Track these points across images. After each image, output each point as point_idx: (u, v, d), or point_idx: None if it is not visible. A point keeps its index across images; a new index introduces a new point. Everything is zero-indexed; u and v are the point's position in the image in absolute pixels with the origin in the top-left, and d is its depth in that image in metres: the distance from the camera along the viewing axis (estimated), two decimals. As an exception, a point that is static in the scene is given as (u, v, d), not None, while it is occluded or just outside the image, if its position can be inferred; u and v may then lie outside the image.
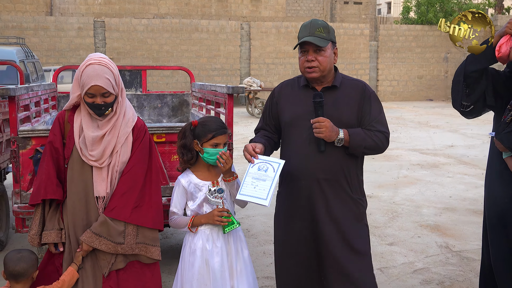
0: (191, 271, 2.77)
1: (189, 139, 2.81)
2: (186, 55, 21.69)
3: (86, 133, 2.63)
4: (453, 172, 8.83)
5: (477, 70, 2.87)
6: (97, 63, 2.55)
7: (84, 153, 2.64)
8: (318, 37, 2.72)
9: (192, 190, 2.82)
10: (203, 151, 2.79)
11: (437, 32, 25.28)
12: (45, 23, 20.33)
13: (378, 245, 5.15)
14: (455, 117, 17.50)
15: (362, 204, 2.88)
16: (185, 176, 2.85)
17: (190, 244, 2.81)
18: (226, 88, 4.11)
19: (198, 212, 2.83)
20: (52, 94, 5.78)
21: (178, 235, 5.48)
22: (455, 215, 6.23)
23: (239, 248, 2.87)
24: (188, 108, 6.76)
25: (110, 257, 2.67)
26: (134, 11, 24.62)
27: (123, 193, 2.66)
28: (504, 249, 2.99)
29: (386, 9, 52.14)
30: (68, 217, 2.69)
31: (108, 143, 2.64)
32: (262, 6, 26.67)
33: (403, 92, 25.23)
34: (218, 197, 2.79)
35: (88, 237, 2.61)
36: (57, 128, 2.72)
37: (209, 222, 2.76)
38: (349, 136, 2.70)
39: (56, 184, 2.67)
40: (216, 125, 2.82)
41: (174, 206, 2.85)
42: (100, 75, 2.53)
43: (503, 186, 3.05)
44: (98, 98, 2.56)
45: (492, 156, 3.24)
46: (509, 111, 2.90)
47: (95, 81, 2.52)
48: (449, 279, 4.33)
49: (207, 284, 2.73)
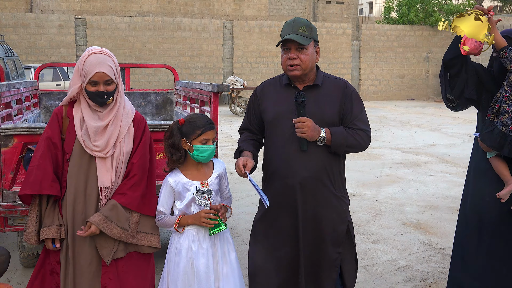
0: (176, 271, 2.75)
1: (177, 138, 2.77)
2: (168, 53, 21.57)
3: (88, 124, 2.65)
4: (435, 170, 8.93)
5: (453, 58, 2.95)
6: (99, 52, 2.63)
7: (87, 145, 2.65)
8: (301, 35, 2.73)
9: (180, 190, 2.78)
10: (193, 149, 2.76)
11: (418, 32, 25.54)
12: (25, 20, 20.03)
13: (362, 243, 5.18)
14: (436, 116, 17.69)
15: (345, 202, 2.91)
16: (173, 176, 2.81)
17: (176, 244, 2.79)
18: (211, 86, 4.10)
19: (186, 212, 2.80)
20: (34, 91, 5.71)
21: (164, 234, 5.45)
22: (437, 213, 6.30)
23: (226, 250, 2.84)
24: (172, 107, 6.73)
25: (112, 245, 2.69)
26: (116, 9, 24.39)
27: (134, 183, 2.74)
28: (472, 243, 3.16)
29: (368, 9, 52.49)
30: (68, 212, 2.68)
31: (111, 133, 2.68)
32: (245, 5, 26.63)
33: (385, 91, 25.42)
34: (206, 198, 2.76)
35: (98, 220, 2.61)
36: (55, 123, 2.73)
37: (196, 223, 2.73)
38: (331, 135, 2.73)
39: (52, 179, 2.66)
40: (203, 121, 2.79)
41: (161, 206, 2.81)
42: (103, 62, 2.60)
43: (487, 185, 3.09)
44: (101, 86, 2.62)
45: (475, 156, 3.28)
46: (492, 109, 2.94)
47: (99, 68, 2.59)
48: (432, 276, 4.37)
49: (192, 285, 2.71)
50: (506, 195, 2.96)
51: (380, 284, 4.21)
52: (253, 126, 3.02)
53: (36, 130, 3.50)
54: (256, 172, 2.86)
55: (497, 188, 3.01)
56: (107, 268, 2.71)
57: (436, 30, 25.67)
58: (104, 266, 2.71)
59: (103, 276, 2.69)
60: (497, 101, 2.91)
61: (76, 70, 2.68)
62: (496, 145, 2.85)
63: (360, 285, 4.17)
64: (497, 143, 2.85)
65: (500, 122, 2.84)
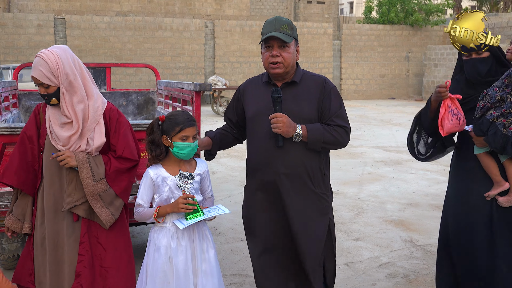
0: (154, 267, 2.74)
1: (157, 134, 2.78)
2: (149, 53, 21.44)
3: (55, 129, 2.75)
4: (415, 168, 9.02)
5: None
6: (39, 55, 2.69)
7: (53, 137, 2.76)
8: (284, 33, 2.75)
9: (160, 183, 2.78)
10: (173, 146, 2.76)
11: (399, 32, 25.78)
12: (3, 19, 19.73)
13: (344, 240, 5.22)
14: (416, 115, 17.88)
15: (326, 199, 2.92)
16: (154, 168, 2.80)
17: (155, 241, 2.78)
18: (193, 86, 4.09)
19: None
20: (13, 92, 5.63)
21: (144, 234, 5.42)
22: (418, 210, 6.37)
23: (205, 247, 2.84)
24: (154, 106, 6.70)
25: (77, 198, 2.75)
26: (96, 8, 24.18)
27: (124, 159, 2.85)
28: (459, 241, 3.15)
29: (348, 8, 52.82)
30: (45, 199, 2.81)
31: (76, 145, 2.76)
32: (226, 5, 26.61)
33: (366, 90, 25.62)
34: (188, 183, 2.74)
35: (81, 156, 2.72)
36: (32, 119, 2.88)
37: (174, 210, 2.70)
38: (307, 131, 2.74)
39: (15, 172, 2.81)
40: (183, 118, 2.78)
41: (141, 198, 2.79)
42: (35, 67, 2.68)
43: (473, 183, 3.10)
44: (41, 88, 2.72)
45: (458, 153, 3.28)
46: (480, 109, 2.95)
47: (32, 72, 2.70)
48: (414, 273, 4.42)
49: (170, 282, 2.71)
50: (494, 195, 2.98)
51: (362, 281, 4.24)
52: (230, 121, 3.09)
53: (15, 130, 3.45)
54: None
55: (485, 186, 3.01)
56: (84, 239, 2.79)
57: (416, 30, 25.96)
58: (82, 238, 2.79)
59: (80, 247, 2.78)
60: (495, 102, 2.87)
61: None
62: (499, 146, 2.83)
63: (342, 282, 4.20)
64: (500, 145, 2.83)
65: (502, 124, 2.83)
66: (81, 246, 2.78)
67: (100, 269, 2.81)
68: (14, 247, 4.16)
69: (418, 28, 26.03)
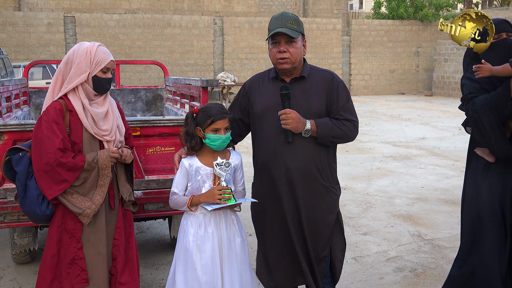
0: (182, 253, 2.83)
1: (191, 126, 2.85)
2: (159, 50, 21.52)
3: (92, 111, 2.84)
4: (424, 163, 9.00)
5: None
6: (103, 46, 2.92)
7: (96, 131, 2.85)
8: (290, 29, 2.78)
9: (193, 173, 2.84)
10: (205, 137, 2.82)
11: (408, 27, 25.64)
12: (13, 18, 19.90)
13: (353, 235, 5.23)
14: (426, 110, 17.81)
15: (335, 192, 2.96)
16: (188, 159, 2.87)
17: (184, 228, 2.87)
18: (200, 82, 4.13)
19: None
20: (23, 89, 5.70)
21: (153, 229, 5.48)
22: (427, 205, 6.36)
23: (232, 235, 2.89)
24: (162, 103, 6.74)
25: (129, 187, 3.05)
26: (105, 6, 24.29)
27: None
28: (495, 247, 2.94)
29: (358, 4, 52.61)
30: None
31: (113, 117, 2.95)
32: (235, 1, 26.61)
33: (376, 86, 25.52)
34: (224, 170, 2.78)
35: (128, 151, 2.99)
36: (60, 117, 2.77)
37: (209, 200, 2.75)
38: (316, 126, 2.77)
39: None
40: (215, 110, 2.83)
41: (175, 187, 2.87)
42: (110, 53, 2.93)
43: (493, 178, 3.02)
44: (109, 73, 2.91)
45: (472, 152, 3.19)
46: None
47: (111, 57, 2.91)
48: (421, 267, 4.43)
49: (197, 269, 2.77)
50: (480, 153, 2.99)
51: (370, 275, 4.26)
52: (233, 118, 3.05)
53: (26, 127, 3.50)
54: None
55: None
56: (120, 224, 2.99)
57: (426, 25, 25.79)
58: (118, 223, 2.99)
59: (116, 232, 2.97)
60: None
61: (84, 60, 2.83)
62: None
63: (350, 276, 4.22)
64: None
65: None
66: (116, 231, 2.96)
67: (127, 253, 3.02)
68: (25, 242, 4.17)
69: (427, 23, 25.85)
